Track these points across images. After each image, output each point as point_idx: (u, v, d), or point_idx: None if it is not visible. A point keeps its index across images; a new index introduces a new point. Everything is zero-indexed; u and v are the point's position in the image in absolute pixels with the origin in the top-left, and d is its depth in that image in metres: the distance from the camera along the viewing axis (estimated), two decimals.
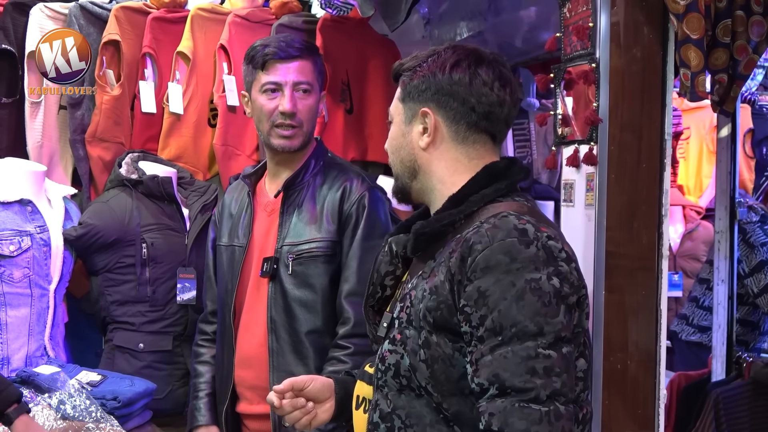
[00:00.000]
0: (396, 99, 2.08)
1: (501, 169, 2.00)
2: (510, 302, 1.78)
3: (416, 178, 2.04)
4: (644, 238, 2.85)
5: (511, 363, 1.77)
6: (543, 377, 1.76)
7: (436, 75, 2.00)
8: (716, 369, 4.42)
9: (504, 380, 1.77)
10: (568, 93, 2.95)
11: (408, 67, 2.05)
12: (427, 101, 2.00)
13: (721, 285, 4.38)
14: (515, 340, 1.78)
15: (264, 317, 2.87)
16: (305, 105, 2.89)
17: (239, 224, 2.99)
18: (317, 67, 2.96)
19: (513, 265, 1.80)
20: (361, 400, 2.09)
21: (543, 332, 1.78)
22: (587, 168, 2.85)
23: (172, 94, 4.14)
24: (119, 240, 3.76)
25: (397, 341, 1.92)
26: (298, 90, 2.90)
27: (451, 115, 1.99)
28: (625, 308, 2.86)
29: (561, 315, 1.80)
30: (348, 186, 2.88)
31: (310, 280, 2.85)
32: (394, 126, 2.07)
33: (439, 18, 4.78)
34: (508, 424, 1.75)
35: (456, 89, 1.98)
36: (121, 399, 3.26)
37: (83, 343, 4.01)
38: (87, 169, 4.07)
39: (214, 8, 4.30)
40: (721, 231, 4.38)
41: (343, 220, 2.86)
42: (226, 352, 2.95)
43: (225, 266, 3.01)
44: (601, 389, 2.81)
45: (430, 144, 2.00)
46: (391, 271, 2.12)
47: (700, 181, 6.81)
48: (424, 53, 2.06)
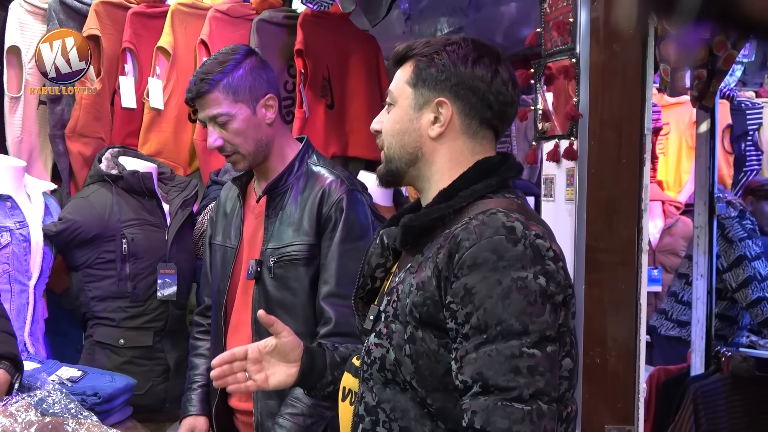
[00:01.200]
0: (402, 82, 2.03)
1: (493, 165, 2.00)
2: (496, 300, 1.78)
3: (415, 165, 2.02)
4: (624, 232, 2.87)
5: (495, 361, 1.77)
6: (527, 376, 1.76)
7: (458, 67, 1.98)
8: (695, 363, 4.45)
9: (487, 378, 1.77)
10: (549, 88, 2.96)
11: (423, 53, 2.01)
12: (444, 91, 1.98)
13: (700, 280, 4.41)
14: (500, 339, 1.78)
15: (250, 318, 2.90)
16: (229, 134, 2.88)
17: (232, 224, 3.02)
18: (232, 89, 2.88)
19: (500, 263, 1.79)
20: (347, 392, 2.09)
21: (528, 331, 1.78)
22: (567, 163, 2.86)
23: (153, 90, 4.13)
24: (99, 235, 3.74)
25: (383, 335, 1.92)
26: (217, 123, 2.88)
27: (466, 109, 1.99)
28: (604, 303, 2.87)
29: (546, 314, 1.80)
30: (327, 189, 2.87)
31: (290, 283, 2.87)
32: (398, 110, 2.03)
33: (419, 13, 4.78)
34: (490, 423, 1.75)
35: (477, 84, 1.98)
36: (102, 395, 3.25)
37: (63, 338, 3.99)
38: (67, 164, 4.06)
39: (194, 3, 4.29)
40: (700, 226, 4.41)
41: (322, 222, 2.86)
42: (218, 350, 2.96)
43: (218, 266, 3.05)
44: (581, 384, 2.82)
45: (441, 134, 2.00)
46: (382, 263, 2.11)
47: (679, 177, 6.84)
48: (439, 41, 2.04)
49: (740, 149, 6.89)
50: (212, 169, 4.16)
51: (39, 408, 2.99)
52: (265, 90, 2.92)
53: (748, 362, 4.44)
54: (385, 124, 2.06)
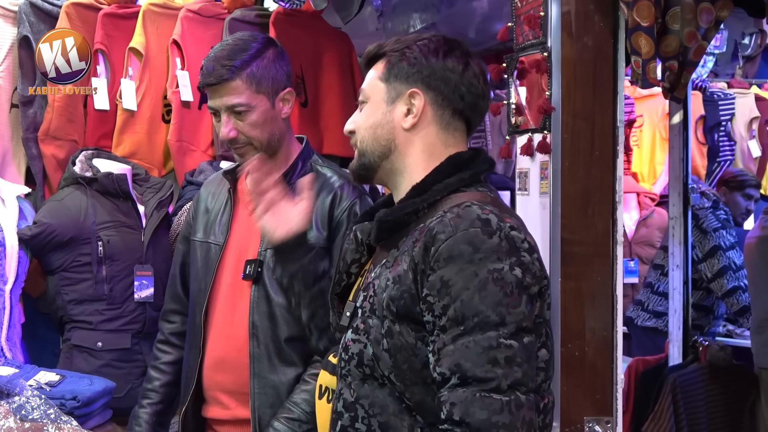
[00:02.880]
0: (374, 79, 2.06)
1: (465, 160, 2.02)
2: (472, 292, 1.80)
3: (388, 158, 2.03)
4: (599, 225, 2.88)
5: (473, 353, 1.78)
6: (504, 367, 1.78)
7: (429, 59, 2.01)
8: (673, 353, 4.48)
9: (465, 370, 1.78)
10: (521, 82, 2.97)
11: (394, 49, 2.04)
12: (416, 82, 2.01)
13: (676, 270, 4.44)
14: (477, 330, 1.79)
15: (245, 321, 2.75)
16: (246, 125, 2.73)
17: (217, 221, 2.86)
18: (255, 78, 2.74)
19: (476, 255, 1.81)
20: (324, 390, 2.09)
21: (505, 322, 1.79)
22: (541, 156, 2.88)
23: (125, 91, 4.11)
24: (75, 238, 3.73)
25: (360, 330, 1.93)
26: (234, 113, 2.73)
27: (439, 99, 2.01)
28: (581, 295, 2.88)
29: (523, 305, 1.82)
30: (339, 192, 2.75)
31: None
32: (371, 105, 2.05)
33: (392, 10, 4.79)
34: (469, 414, 1.76)
35: (449, 75, 2.01)
36: (81, 398, 3.24)
37: (41, 343, 3.98)
38: (40, 167, 4.03)
39: (165, 3, 4.27)
40: (675, 217, 4.44)
41: (334, 227, 2.73)
42: (192, 353, 2.85)
43: (199, 263, 2.87)
44: (560, 376, 2.83)
45: (415, 125, 2.01)
46: (357, 259, 2.12)
47: (653, 168, 6.88)
48: (410, 38, 2.07)
49: (713, 140, 6.94)
50: (187, 170, 4.15)
51: (18, 414, 2.97)
52: (284, 83, 2.80)
53: (725, 351, 4.47)
54: (358, 121, 2.07)
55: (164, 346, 2.99)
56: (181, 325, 2.96)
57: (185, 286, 2.95)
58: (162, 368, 2.97)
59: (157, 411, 2.94)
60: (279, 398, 2.69)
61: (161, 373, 2.96)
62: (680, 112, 4.35)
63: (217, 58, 2.74)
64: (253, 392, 2.72)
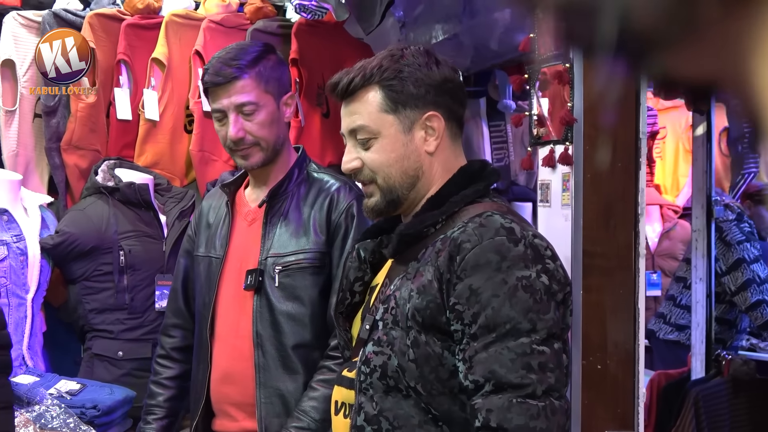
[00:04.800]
0: (376, 112, 1.98)
1: (476, 171, 2.02)
2: (503, 299, 1.80)
3: (415, 186, 2.00)
4: (621, 237, 2.87)
5: (507, 359, 1.79)
6: (538, 373, 1.79)
7: (429, 76, 1.98)
8: (695, 367, 4.44)
9: (500, 377, 1.78)
10: (543, 93, 2.96)
11: (387, 77, 1.97)
12: (427, 104, 1.97)
13: (699, 283, 4.40)
14: (509, 337, 1.79)
15: (248, 332, 2.74)
16: (254, 125, 2.71)
17: (217, 234, 2.85)
18: (263, 78, 2.74)
19: (503, 263, 1.82)
20: (341, 405, 2.07)
21: (536, 328, 1.80)
22: (563, 168, 2.86)
23: (148, 101, 4.13)
24: (96, 248, 3.74)
25: (383, 342, 1.92)
26: (243, 112, 2.71)
27: (448, 114, 2.00)
28: (602, 308, 2.87)
29: (552, 311, 1.83)
30: (335, 195, 2.75)
31: (298, 293, 2.73)
32: (387, 140, 1.98)
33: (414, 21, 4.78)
34: (506, 420, 1.77)
35: (450, 87, 2.00)
36: (101, 407, 3.25)
37: (62, 352, 3.99)
38: (63, 177, 4.05)
39: (188, 14, 4.29)
40: (698, 229, 4.40)
41: (332, 230, 2.73)
42: (201, 368, 2.83)
43: (202, 278, 2.86)
44: (581, 389, 2.81)
45: (438, 146, 2.00)
46: (360, 277, 2.11)
47: (676, 180, 6.84)
48: (385, 62, 1.99)
49: (737, 152, 6.89)
50: (208, 180, 4.15)
51: (38, 423, 2.98)
52: (287, 86, 2.82)
53: (748, 365, 4.43)
54: (373, 159, 2.00)
55: (165, 360, 2.97)
56: (181, 339, 2.95)
57: (187, 301, 2.95)
58: (164, 383, 2.95)
59: (162, 426, 2.92)
60: (285, 408, 2.68)
61: (164, 388, 2.94)
62: (704, 123, 4.32)
63: (223, 59, 2.74)
64: (259, 402, 2.71)
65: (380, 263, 2.11)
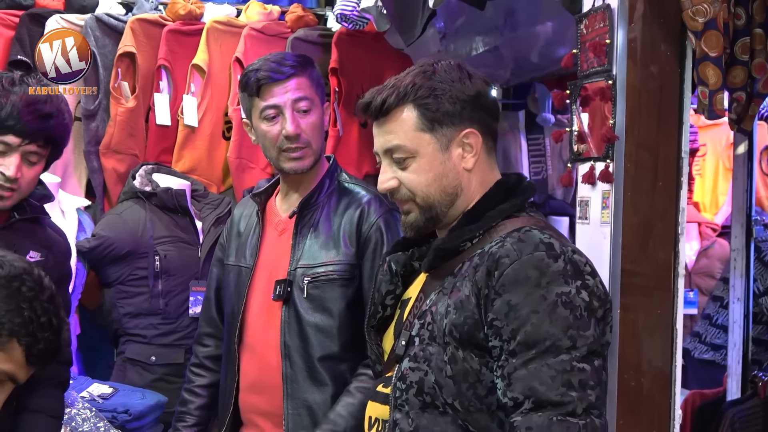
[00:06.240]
0: (411, 131, 1.96)
1: (513, 185, 2.00)
2: (543, 316, 1.78)
3: (454, 203, 1.99)
4: (660, 256, 2.83)
5: (547, 376, 1.77)
6: (579, 390, 1.77)
7: (465, 92, 1.96)
8: (731, 388, 4.39)
9: (540, 394, 1.77)
10: (584, 109, 2.93)
11: (421, 95, 1.96)
12: (463, 121, 1.96)
13: (737, 303, 4.35)
14: (549, 354, 1.78)
15: (276, 342, 2.74)
16: (308, 123, 2.73)
17: (247, 243, 2.85)
18: (314, 81, 2.78)
19: (543, 279, 1.80)
20: (374, 421, 2.06)
21: (576, 345, 1.78)
22: (603, 185, 2.83)
23: (187, 107, 4.14)
24: (132, 252, 3.76)
25: (420, 358, 1.90)
26: (299, 109, 2.72)
27: (483, 129, 1.99)
28: (639, 327, 2.83)
29: (592, 328, 1.81)
30: (366, 207, 2.76)
31: (326, 304, 2.72)
32: (425, 159, 1.97)
33: (455, 32, 4.77)
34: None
35: (483, 102, 1.99)
36: (133, 412, 3.25)
37: (95, 355, 4.01)
38: (101, 180, 4.08)
39: (229, 21, 4.30)
40: (737, 249, 4.35)
41: (362, 242, 2.73)
42: (229, 377, 2.84)
43: (232, 287, 2.87)
44: (616, 408, 2.78)
45: (475, 162, 1.98)
46: (392, 290, 2.10)
47: (715, 198, 6.78)
48: (417, 79, 1.98)
49: None
50: (245, 187, 4.15)
51: (68, 426, 2.99)
52: (325, 96, 2.85)
53: None
54: (411, 179, 1.99)
55: (198, 369, 2.99)
56: (215, 348, 2.97)
57: (220, 310, 2.96)
58: (196, 391, 2.97)
59: None
60: (312, 419, 2.68)
61: (196, 396, 2.96)
62: (745, 142, 4.27)
63: (275, 59, 2.76)
64: (287, 413, 2.71)
65: (411, 276, 2.10)
